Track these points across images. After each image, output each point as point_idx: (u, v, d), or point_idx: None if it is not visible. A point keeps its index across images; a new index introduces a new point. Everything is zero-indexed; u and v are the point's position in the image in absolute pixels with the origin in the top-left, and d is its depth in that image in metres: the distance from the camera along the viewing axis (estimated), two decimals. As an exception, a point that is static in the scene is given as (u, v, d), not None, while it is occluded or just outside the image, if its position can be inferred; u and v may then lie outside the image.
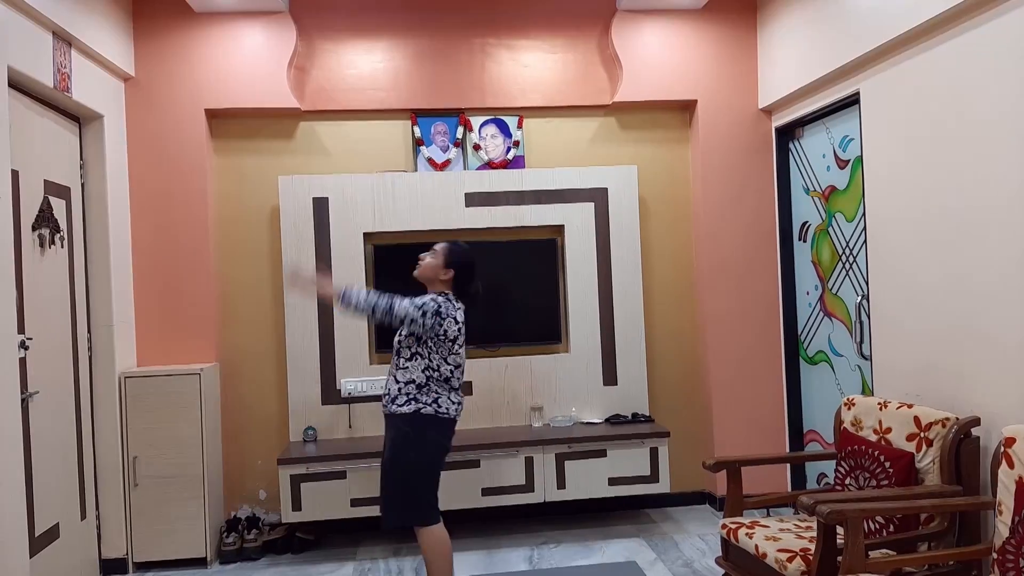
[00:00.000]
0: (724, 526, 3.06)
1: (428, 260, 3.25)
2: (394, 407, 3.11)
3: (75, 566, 3.60)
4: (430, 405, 3.07)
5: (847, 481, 2.99)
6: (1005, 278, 2.73)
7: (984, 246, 2.83)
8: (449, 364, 3.14)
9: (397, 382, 3.14)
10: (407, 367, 3.12)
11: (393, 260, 4.36)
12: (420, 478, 3.08)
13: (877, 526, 2.77)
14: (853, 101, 3.72)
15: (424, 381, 3.10)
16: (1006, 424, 2.57)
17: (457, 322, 3.15)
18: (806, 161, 4.32)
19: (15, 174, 3.15)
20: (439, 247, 3.27)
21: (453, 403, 3.15)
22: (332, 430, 4.30)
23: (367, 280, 4.37)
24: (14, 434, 2.94)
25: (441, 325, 3.09)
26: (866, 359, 3.68)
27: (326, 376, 4.30)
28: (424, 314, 3.06)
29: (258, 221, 4.42)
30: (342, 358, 4.31)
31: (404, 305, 3.08)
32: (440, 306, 3.10)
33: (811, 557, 2.59)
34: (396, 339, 3.20)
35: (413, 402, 3.08)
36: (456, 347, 3.16)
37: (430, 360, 3.10)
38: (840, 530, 2.50)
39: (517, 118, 4.55)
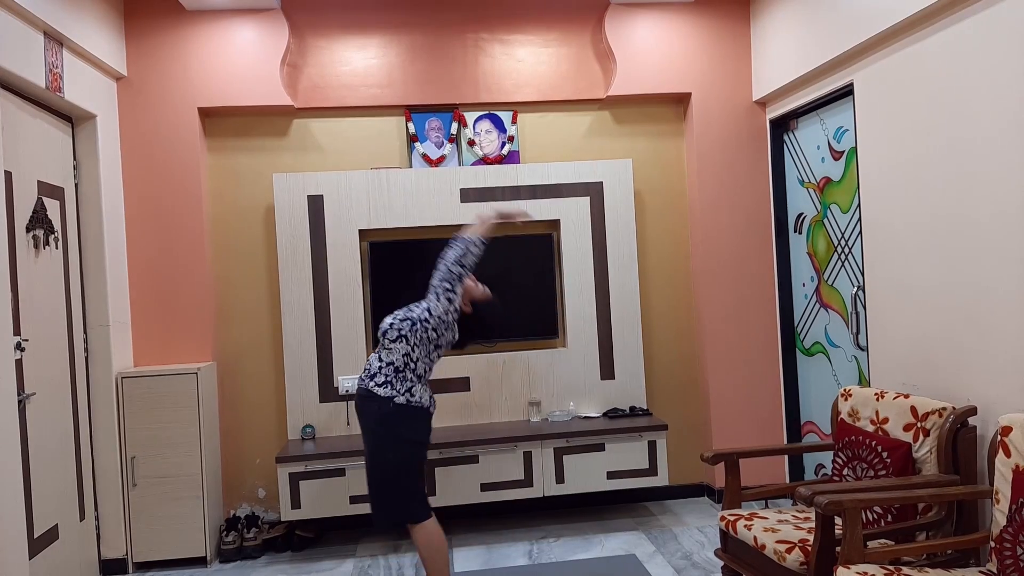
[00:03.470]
0: (723, 518, 3.07)
1: (472, 283, 3.29)
2: (371, 383, 3.12)
3: (75, 567, 3.60)
4: (403, 395, 3.09)
5: (845, 472, 3.00)
6: (1000, 268, 2.74)
7: (980, 235, 2.83)
8: (425, 363, 3.18)
9: (380, 360, 3.16)
10: (391, 348, 3.14)
11: (389, 257, 4.35)
12: (402, 476, 3.08)
13: (875, 516, 2.78)
14: (847, 92, 3.72)
15: (402, 366, 3.12)
16: (1003, 413, 2.58)
17: (452, 341, 3.25)
18: (801, 153, 4.32)
19: (8, 175, 3.15)
20: (490, 293, 3.36)
21: (427, 395, 3.17)
22: (330, 428, 4.30)
23: (363, 278, 4.36)
24: (12, 436, 2.94)
25: (448, 328, 3.19)
26: (862, 350, 3.69)
27: (323, 374, 4.30)
28: (457, 311, 3.23)
29: (253, 219, 4.41)
30: (339, 355, 4.31)
31: (460, 289, 3.23)
32: (457, 320, 3.25)
33: (810, 548, 2.60)
34: (389, 320, 3.20)
35: (388, 387, 3.09)
36: (434, 355, 3.22)
37: (411, 350, 3.13)
38: (838, 521, 2.51)
39: (511, 113, 4.54)
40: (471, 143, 4.50)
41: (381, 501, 3.11)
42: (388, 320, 3.20)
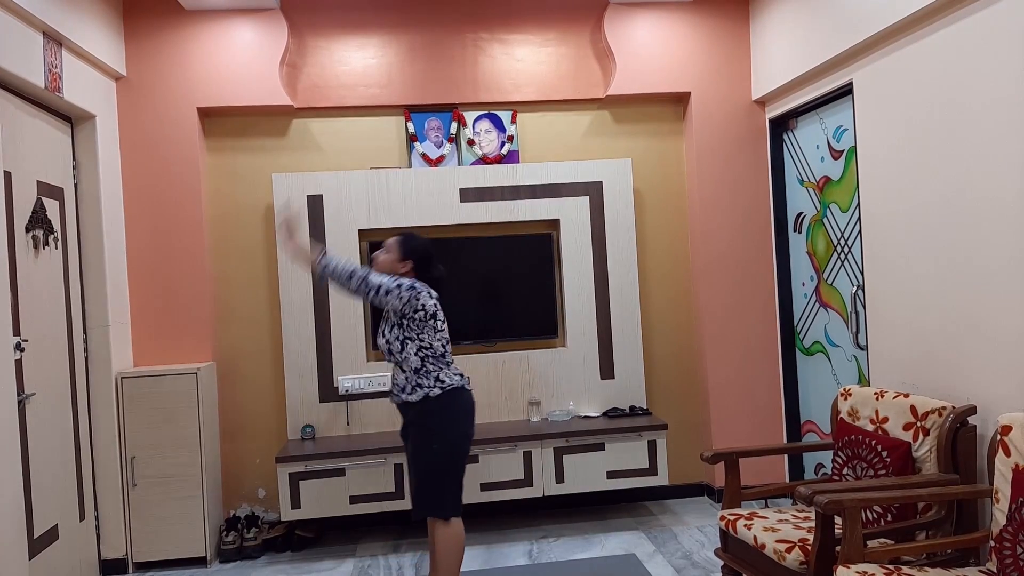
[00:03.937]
0: (723, 518, 3.07)
1: (382, 257, 3.22)
2: (404, 396, 3.13)
3: (75, 567, 3.60)
4: (435, 386, 3.07)
5: (844, 471, 3.00)
6: (1000, 267, 2.74)
7: (979, 235, 2.83)
8: (439, 340, 3.14)
9: (403, 372, 3.14)
10: (405, 357, 3.11)
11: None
12: (440, 470, 3.08)
13: (875, 515, 2.78)
14: (846, 91, 3.72)
15: (420, 364, 3.09)
16: (1002, 412, 2.57)
17: (432, 297, 3.14)
18: (800, 152, 4.32)
19: (7, 175, 3.15)
20: (390, 241, 3.24)
21: (455, 374, 3.14)
22: (330, 428, 4.30)
23: (363, 277, 4.36)
24: (11, 436, 2.94)
25: (418, 299, 3.07)
26: (862, 349, 3.69)
27: (323, 374, 4.30)
28: (400, 286, 3.06)
29: (252, 219, 4.41)
30: (339, 356, 4.31)
31: (379, 277, 3.09)
32: (413, 283, 3.11)
33: (809, 547, 2.60)
34: (383, 340, 3.18)
35: (419, 389, 3.08)
36: (439, 324, 3.15)
37: (420, 340, 3.10)
38: (838, 520, 2.51)
39: (511, 112, 4.54)
40: (470, 143, 4.50)
41: (418, 494, 3.12)
42: (382, 339, 3.17)
